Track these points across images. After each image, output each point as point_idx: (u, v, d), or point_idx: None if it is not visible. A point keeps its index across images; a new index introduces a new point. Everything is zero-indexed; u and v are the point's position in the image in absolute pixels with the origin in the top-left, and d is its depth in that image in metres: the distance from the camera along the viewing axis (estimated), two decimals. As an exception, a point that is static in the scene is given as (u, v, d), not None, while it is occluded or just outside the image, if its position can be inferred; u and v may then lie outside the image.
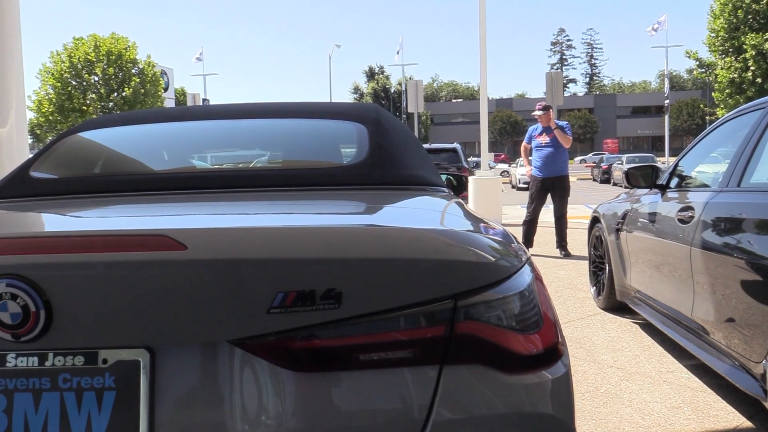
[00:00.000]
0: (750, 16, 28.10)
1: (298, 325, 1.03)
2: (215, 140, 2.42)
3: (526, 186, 30.11)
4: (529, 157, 8.32)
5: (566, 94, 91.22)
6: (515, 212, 14.88)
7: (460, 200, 1.89)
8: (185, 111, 2.55)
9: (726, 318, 2.90)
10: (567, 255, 7.81)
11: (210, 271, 1.03)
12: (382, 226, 1.24)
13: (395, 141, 2.08)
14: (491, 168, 33.82)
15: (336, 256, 1.06)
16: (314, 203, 1.66)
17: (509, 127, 71.62)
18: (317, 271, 1.04)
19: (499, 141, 72.36)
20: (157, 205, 1.66)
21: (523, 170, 28.52)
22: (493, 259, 1.16)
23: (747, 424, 2.83)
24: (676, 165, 4.03)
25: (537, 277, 1.27)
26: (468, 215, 1.53)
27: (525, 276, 1.19)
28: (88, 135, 2.33)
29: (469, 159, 21.75)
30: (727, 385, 3.15)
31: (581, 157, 60.49)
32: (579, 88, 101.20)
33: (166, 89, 37.83)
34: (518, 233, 10.41)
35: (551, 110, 7.97)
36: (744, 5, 28.22)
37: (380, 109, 2.34)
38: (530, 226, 8.14)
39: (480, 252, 1.15)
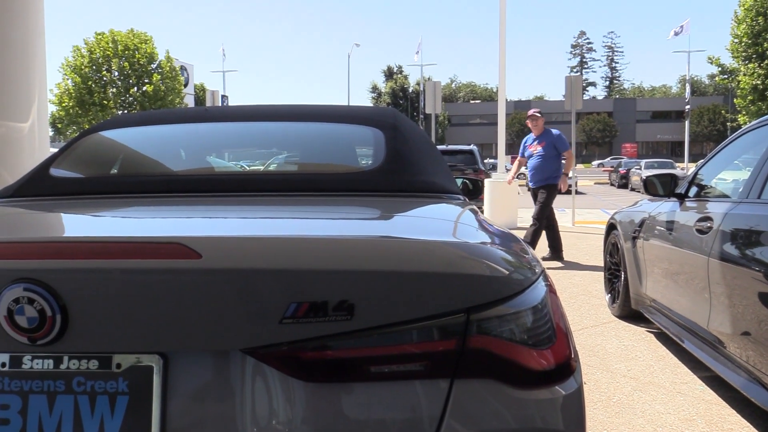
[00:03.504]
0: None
1: (310, 335, 1.03)
2: (233, 142, 2.43)
3: (543, 189, 29.82)
4: (521, 169, 8.29)
5: (585, 98, 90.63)
6: (531, 215, 14.82)
7: (475, 208, 1.88)
8: (204, 112, 2.57)
9: (742, 331, 2.87)
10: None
11: (223, 280, 1.04)
12: (396, 238, 1.24)
13: (412, 147, 2.07)
14: (507, 170, 33.69)
15: (349, 268, 1.06)
16: (329, 210, 1.66)
17: (527, 130, 71.25)
18: (330, 282, 1.04)
19: (517, 143, 71.97)
20: (173, 209, 1.67)
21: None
22: (507, 273, 1.15)
23: (762, 439, 2.80)
24: (696, 174, 3.99)
25: (551, 290, 1.26)
26: (483, 226, 1.52)
27: (539, 289, 1.19)
28: (108, 134, 2.35)
29: (486, 161, 21.71)
30: (742, 398, 3.11)
31: (599, 161, 60.05)
32: (599, 92, 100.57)
33: (185, 85, 38.08)
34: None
35: (542, 118, 7.86)
36: (768, 11, 27.83)
37: (398, 113, 2.34)
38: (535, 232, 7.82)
39: (494, 265, 1.15)
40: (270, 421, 1.05)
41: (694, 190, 3.92)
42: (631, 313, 4.76)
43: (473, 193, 3.97)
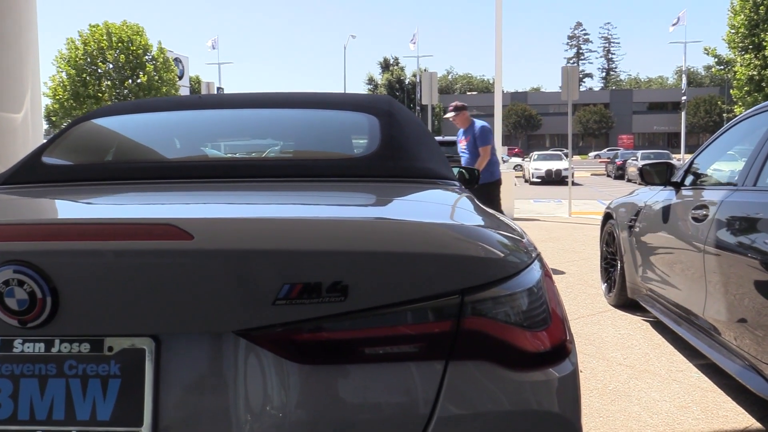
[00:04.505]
0: (770, 13, 27.69)
1: (303, 317, 1.03)
2: (227, 129, 2.42)
3: (540, 180, 29.80)
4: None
5: (582, 89, 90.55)
6: (528, 206, 14.86)
7: (471, 195, 1.88)
8: (197, 100, 2.55)
9: (738, 318, 2.87)
10: None
11: (216, 262, 1.03)
12: (390, 219, 1.23)
13: (407, 133, 2.06)
14: (504, 162, 33.72)
15: (343, 249, 1.05)
16: (323, 194, 1.65)
17: (524, 121, 71.20)
18: (323, 263, 1.03)
19: (514, 135, 72.00)
20: (166, 194, 1.66)
21: (537, 164, 28.46)
22: (502, 255, 1.14)
23: (757, 425, 2.80)
24: (692, 162, 3.98)
25: (546, 274, 1.25)
26: (478, 210, 1.51)
27: (534, 272, 1.18)
28: (100, 122, 2.33)
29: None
30: (737, 386, 3.12)
31: (596, 153, 60.07)
32: (595, 83, 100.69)
33: (180, 77, 37.89)
34: (529, 228, 10.37)
35: (465, 110, 6.95)
36: (765, 2, 27.79)
37: (393, 100, 2.33)
38: None
39: (489, 247, 1.14)
40: (263, 403, 1.04)
41: (690, 178, 3.91)
42: (627, 302, 4.77)
43: (469, 182, 3.96)
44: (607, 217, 5.28)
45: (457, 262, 1.08)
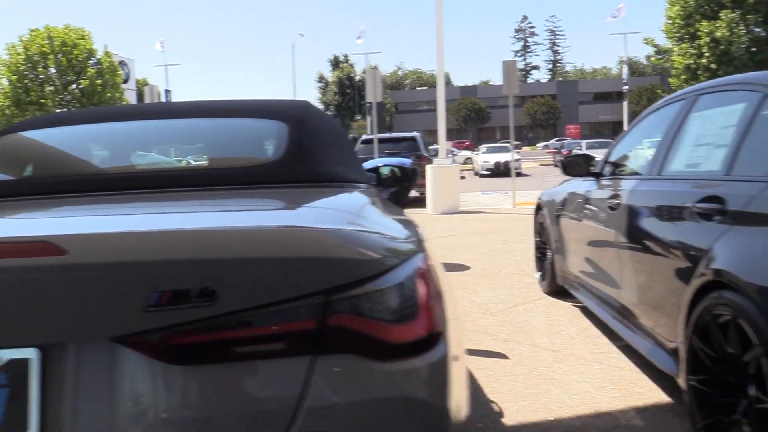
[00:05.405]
0: (703, 4, 28.67)
1: (174, 321, 1.10)
2: (139, 141, 2.46)
3: (489, 173, 30.02)
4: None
5: (530, 81, 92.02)
6: (475, 199, 15.09)
7: (375, 196, 1.96)
8: (115, 111, 2.59)
9: (646, 301, 3.05)
10: None
11: (89, 274, 1.10)
12: (255, 227, 1.31)
13: (315, 139, 2.13)
14: (455, 155, 34.05)
15: (208, 257, 1.14)
16: (213, 203, 1.72)
17: (474, 114, 71.98)
18: (190, 271, 1.12)
19: (464, 128, 72.74)
20: (55, 210, 1.72)
21: (486, 157, 28.86)
22: (370, 256, 1.23)
23: (666, 399, 2.98)
24: (610, 152, 4.17)
25: (422, 270, 1.33)
26: (367, 212, 1.60)
27: (404, 270, 1.26)
28: (13, 138, 2.35)
29: (432, 147, 21.87)
30: (652, 364, 3.30)
31: (544, 143, 61.18)
32: (542, 75, 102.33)
33: (126, 80, 37.13)
34: (473, 221, 10.57)
35: None
36: (698, -7, 28.80)
37: (309, 106, 2.40)
38: None
39: (356, 249, 1.23)
40: (142, 406, 1.11)
41: (608, 168, 4.09)
42: (558, 289, 4.95)
43: (401, 180, 4.04)
44: (538, 207, 5.46)
45: (321, 264, 1.17)
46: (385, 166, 4.19)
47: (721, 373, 2.25)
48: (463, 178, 27.19)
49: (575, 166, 4.24)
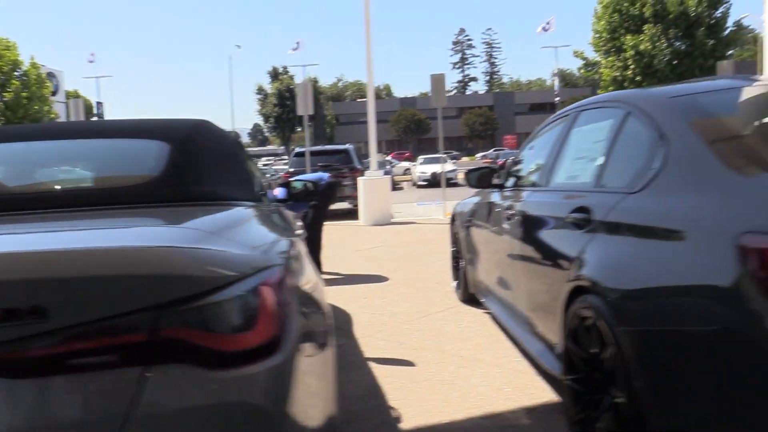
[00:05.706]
0: (627, 19, 29.97)
1: (7, 338, 1.16)
2: (26, 161, 2.48)
3: (426, 183, 30.15)
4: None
5: (468, 93, 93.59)
6: (409, 210, 15.26)
7: (252, 214, 2.03)
8: (4, 132, 2.60)
9: (537, 307, 3.22)
10: None
11: None
12: (89, 248, 1.38)
13: (197, 159, 2.20)
14: (393, 166, 34.27)
15: (39, 277, 1.21)
16: (74, 224, 1.77)
17: (413, 125, 72.70)
18: (20, 290, 1.18)
19: (404, 139, 73.38)
20: None
21: (423, 168, 29.23)
22: (207, 272, 1.31)
23: (555, 399, 3.15)
24: (510, 165, 4.36)
25: (270, 282, 1.41)
26: (228, 230, 1.67)
27: (248, 283, 1.35)
28: None
29: (366, 159, 22.00)
30: (546, 366, 3.48)
31: (482, 153, 62.33)
32: (480, 87, 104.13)
33: (55, 93, 36.02)
34: (404, 232, 10.72)
35: None
36: (622, 8, 30.07)
37: (201, 125, 2.44)
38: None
39: (194, 265, 1.31)
40: None
41: (511, 180, 4.28)
42: (471, 297, 5.12)
43: (313, 194, 4.12)
44: (453, 218, 5.64)
45: (154, 281, 1.25)
46: (297, 180, 4.27)
47: (590, 372, 2.42)
48: (401, 188, 27.57)
49: (480, 178, 4.42)
